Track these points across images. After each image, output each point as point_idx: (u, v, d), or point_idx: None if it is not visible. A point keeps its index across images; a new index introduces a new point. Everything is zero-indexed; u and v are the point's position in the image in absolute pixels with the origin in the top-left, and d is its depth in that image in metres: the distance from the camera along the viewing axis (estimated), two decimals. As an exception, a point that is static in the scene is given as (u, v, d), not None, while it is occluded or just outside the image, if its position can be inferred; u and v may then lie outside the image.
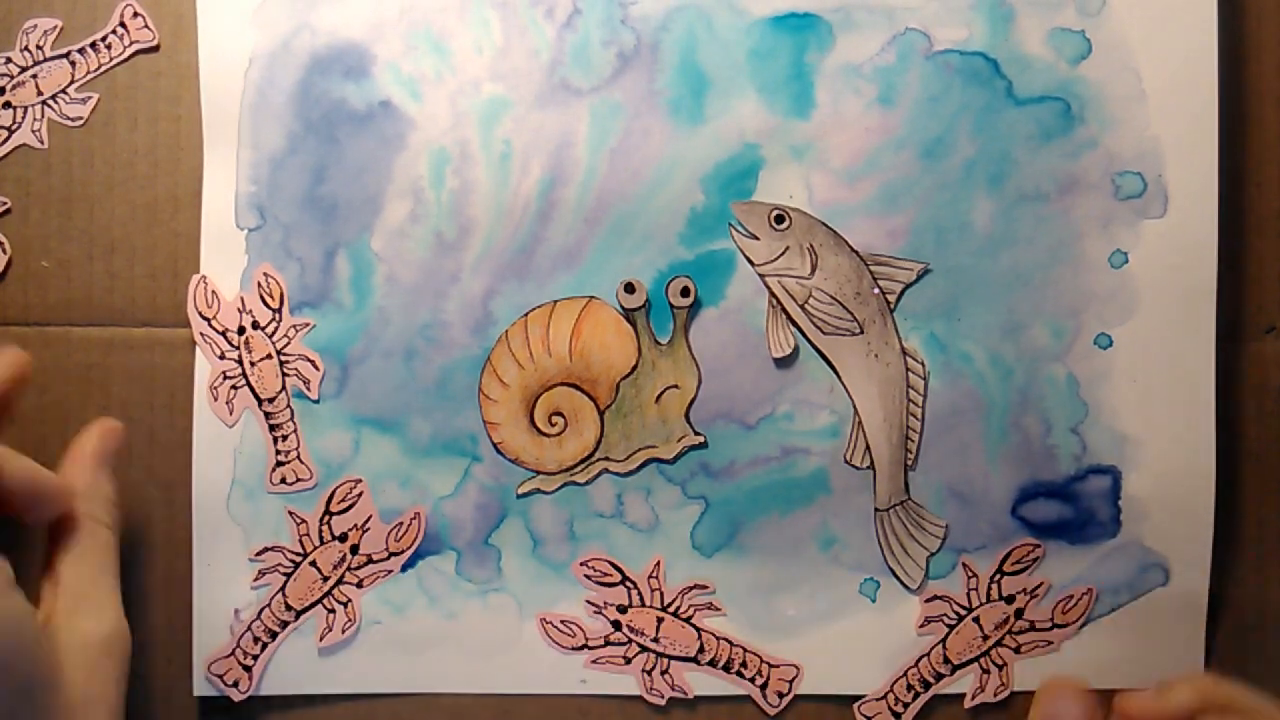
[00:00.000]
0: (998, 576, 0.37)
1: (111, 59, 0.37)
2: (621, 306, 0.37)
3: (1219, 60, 0.36)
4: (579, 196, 0.37)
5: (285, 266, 0.37)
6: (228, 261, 0.37)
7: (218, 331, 0.37)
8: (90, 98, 0.37)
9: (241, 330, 0.37)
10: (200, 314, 0.37)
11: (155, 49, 0.37)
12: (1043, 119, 0.37)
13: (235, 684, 0.37)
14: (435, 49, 0.37)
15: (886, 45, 0.37)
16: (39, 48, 0.37)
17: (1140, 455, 0.37)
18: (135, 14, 0.37)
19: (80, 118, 0.37)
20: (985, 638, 0.37)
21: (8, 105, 0.37)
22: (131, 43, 0.37)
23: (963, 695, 0.37)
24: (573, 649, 0.37)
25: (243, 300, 0.37)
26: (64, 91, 0.37)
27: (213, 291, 0.37)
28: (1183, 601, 0.37)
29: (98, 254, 0.37)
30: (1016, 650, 0.37)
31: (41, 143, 0.37)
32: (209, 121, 0.37)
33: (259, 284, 0.37)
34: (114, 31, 0.37)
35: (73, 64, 0.37)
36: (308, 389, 0.37)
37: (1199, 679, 0.33)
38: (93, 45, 0.37)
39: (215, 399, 0.37)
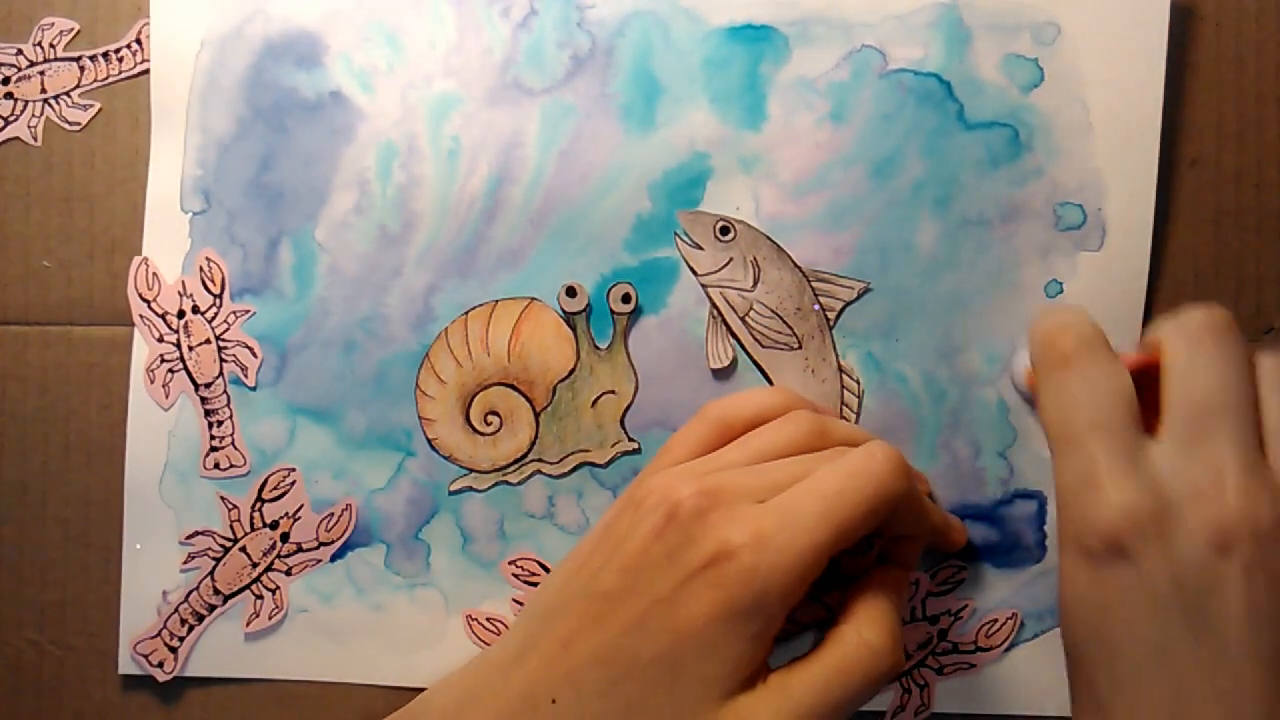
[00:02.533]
0: (922, 596, 0.38)
1: (120, 72, 0.37)
2: (562, 309, 0.37)
3: (1166, 90, 0.36)
4: (525, 197, 0.37)
5: (228, 252, 0.37)
6: (170, 244, 0.37)
7: (157, 314, 0.37)
8: (91, 105, 0.37)
9: (181, 314, 0.37)
10: (140, 296, 0.37)
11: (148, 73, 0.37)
12: (992, 144, 0.37)
13: (160, 664, 0.37)
14: (388, 41, 0.37)
15: (841, 61, 0.37)
16: (51, 46, 0.37)
17: (1068, 484, 0.37)
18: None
19: (78, 124, 0.37)
20: (907, 657, 0.38)
21: (9, 96, 0.37)
22: (143, 60, 0.37)
23: (882, 713, 0.38)
24: (497, 646, 0.38)
25: (184, 284, 0.37)
26: (67, 94, 0.37)
27: (154, 274, 0.37)
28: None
29: (98, 254, 0.37)
30: (939, 671, 0.38)
31: (35, 140, 0.37)
32: (158, 103, 0.37)
33: (201, 268, 0.37)
34: (128, 46, 0.37)
35: (81, 69, 0.37)
36: (245, 376, 0.37)
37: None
38: (104, 55, 0.37)
39: (152, 382, 0.37)
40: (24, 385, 0.38)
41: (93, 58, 0.37)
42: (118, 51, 0.36)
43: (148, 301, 0.37)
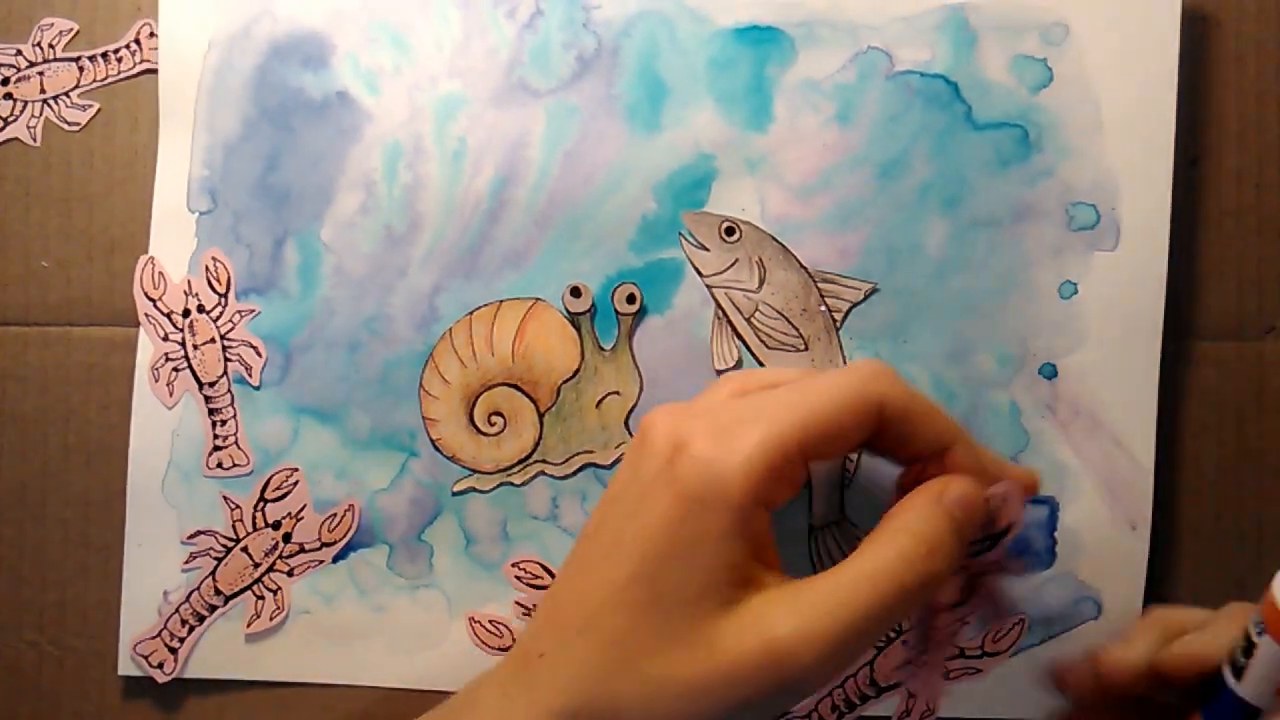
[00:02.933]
0: (930, 601, 0.37)
1: (120, 72, 0.37)
2: (567, 310, 0.37)
3: (1178, 95, 0.36)
4: (530, 197, 0.37)
5: (234, 252, 0.37)
6: (177, 244, 0.37)
7: (163, 313, 0.37)
8: (91, 106, 0.37)
9: (186, 313, 0.37)
10: (146, 294, 0.37)
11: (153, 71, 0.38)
12: (1000, 145, 0.37)
13: (160, 665, 0.37)
14: (395, 42, 0.37)
15: (848, 63, 0.37)
16: (51, 46, 0.37)
17: (1078, 488, 0.37)
18: (152, 34, 0.37)
19: (77, 124, 0.37)
20: (910, 661, 0.37)
21: (9, 97, 0.37)
22: (142, 61, 0.37)
23: (888, 718, 0.37)
24: (499, 649, 0.37)
25: (189, 283, 0.37)
26: (66, 94, 0.37)
27: (160, 273, 0.37)
28: (1114, 635, 0.37)
29: (97, 254, 0.38)
30: (945, 676, 0.37)
31: (34, 140, 0.37)
32: (165, 103, 0.37)
33: (207, 268, 0.37)
34: (127, 46, 0.37)
35: (80, 69, 0.37)
36: (249, 375, 0.37)
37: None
38: (104, 55, 0.37)
39: (156, 380, 0.37)
40: (24, 385, 0.38)
41: (92, 58, 0.37)
42: (116, 52, 0.37)
43: (153, 300, 0.37)
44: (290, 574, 0.37)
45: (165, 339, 0.37)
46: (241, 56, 0.37)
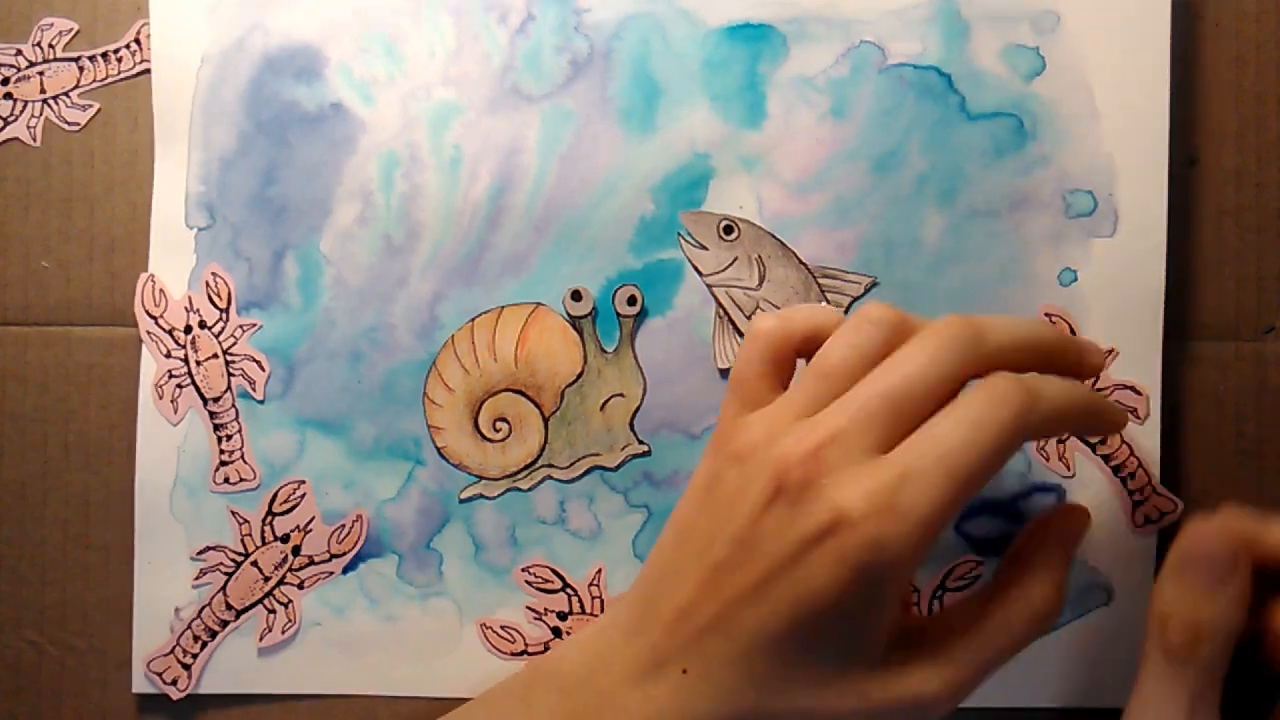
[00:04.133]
0: (939, 592, 0.37)
1: (120, 72, 0.37)
2: (568, 314, 0.37)
3: (1171, 79, 0.36)
4: (528, 203, 0.37)
5: (233, 266, 0.37)
6: (176, 260, 0.37)
7: (164, 330, 0.37)
8: (91, 106, 0.37)
9: (188, 329, 0.37)
10: (147, 312, 0.37)
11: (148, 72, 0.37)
12: (995, 135, 0.37)
13: (174, 682, 0.37)
14: (387, 52, 0.37)
15: (840, 58, 0.37)
16: (50, 46, 0.37)
17: (1085, 474, 0.37)
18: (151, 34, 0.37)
19: (77, 124, 0.37)
20: (926, 654, 0.37)
21: (9, 97, 0.37)
22: (141, 61, 0.37)
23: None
24: (512, 655, 0.37)
25: (190, 299, 0.37)
26: (66, 94, 0.37)
27: (160, 290, 0.37)
28: (1125, 622, 0.37)
29: (97, 254, 0.38)
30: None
31: (34, 140, 0.37)
32: (160, 119, 0.37)
33: (207, 283, 0.37)
34: (127, 46, 0.37)
35: (80, 69, 0.37)
36: (253, 389, 0.37)
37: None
38: (104, 55, 0.37)
39: (160, 397, 0.37)
40: (24, 385, 0.38)
41: (91, 58, 0.37)
42: (116, 52, 0.37)
43: (155, 317, 0.37)
44: (300, 586, 0.37)
45: (168, 356, 0.37)
46: (235, 71, 0.37)
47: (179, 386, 0.37)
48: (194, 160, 0.37)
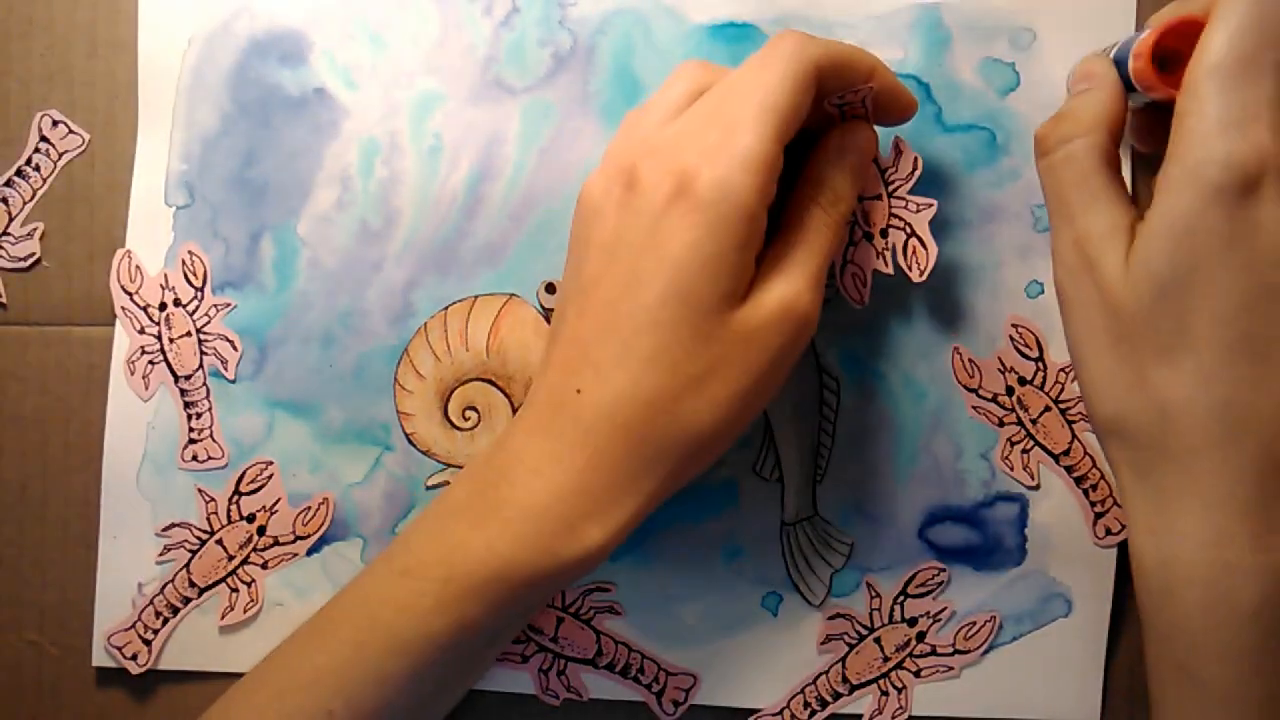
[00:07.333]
0: (901, 598, 0.37)
1: (44, 180, 0.37)
2: (541, 306, 0.37)
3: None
4: (506, 194, 0.37)
5: (210, 246, 0.37)
6: (154, 237, 0.37)
7: (139, 306, 0.37)
8: (36, 228, 0.37)
9: (163, 306, 0.37)
10: (123, 288, 0.37)
11: (84, 151, 0.38)
12: (969, 147, 0.37)
13: (134, 657, 0.37)
14: (372, 39, 0.37)
15: (821, 62, 0.37)
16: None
17: (1048, 484, 0.37)
18: (55, 123, 0.37)
19: (33, 254, 0.37)
20: (886, 659, 0.37)
21: None
22: (61, 154, 0.37)
23: (860, 716, 0.37)
24: (472, 643, 0.37)
25: (166, 277, 0.37)
26: (6, 234, 0.37)
27: (136, 266, 0.37)
28: (1084, 633, 0.37)
29: (97, 254, 0.38)
30: (916, 674, 0.37)
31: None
32: (144, 98, 0.37)
33: (183, 261, 0.37)
34: (36, 150, 0.37)
35: (4, 201, 0.37)
36: (225, 369, 0.37)
37: None
38: (19, 173, 0.37)
39: (132, 373, 0.37)
40: (24, 385, 0.38)
41: (9, 183, 0.37)
42: (30, 162, 0.37)
43: (130, 294, 0.37)
44: (264, 566, 0.37)
45: (141, 332, 0.37)
46: (221, 53, 0.37)
47: (151, 363, 0.37)
48: (176, 139, 0.37)
